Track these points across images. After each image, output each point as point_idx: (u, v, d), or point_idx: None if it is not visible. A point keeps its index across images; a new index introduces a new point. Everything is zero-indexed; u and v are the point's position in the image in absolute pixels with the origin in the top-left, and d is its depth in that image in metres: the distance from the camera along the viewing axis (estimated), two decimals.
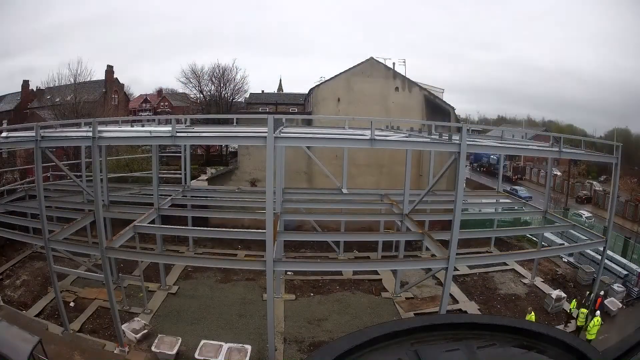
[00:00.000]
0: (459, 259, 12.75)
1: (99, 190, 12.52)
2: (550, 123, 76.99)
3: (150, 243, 20.61)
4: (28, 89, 49.30)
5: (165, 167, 31.94)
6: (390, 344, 2.09)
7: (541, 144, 17.25)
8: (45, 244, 12.67)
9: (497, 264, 19.85)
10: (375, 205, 19.19)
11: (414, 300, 16.80)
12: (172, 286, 17.15)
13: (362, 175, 23.73)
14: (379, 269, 18.55)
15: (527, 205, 21.10)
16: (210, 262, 15.45)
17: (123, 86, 54.45)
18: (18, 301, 15.29)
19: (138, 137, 14.39)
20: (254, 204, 18.89)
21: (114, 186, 20.03)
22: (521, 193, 34.43)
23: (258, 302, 15.99)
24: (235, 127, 20.32)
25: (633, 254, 19.99)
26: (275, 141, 10.83)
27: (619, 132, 47.67)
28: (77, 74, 34.86)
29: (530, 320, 14.30)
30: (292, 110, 44.27)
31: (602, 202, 36.75)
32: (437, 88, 28.54)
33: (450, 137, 12.37)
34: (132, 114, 59.86)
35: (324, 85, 25.40)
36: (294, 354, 13.06)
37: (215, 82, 44.89)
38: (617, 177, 15.29)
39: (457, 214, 11.39)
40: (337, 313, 15.65)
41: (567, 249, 17.88)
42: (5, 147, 19.91)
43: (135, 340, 12.98)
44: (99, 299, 15.51)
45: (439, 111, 24.94)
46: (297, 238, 21.12)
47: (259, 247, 20.94)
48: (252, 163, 23.77)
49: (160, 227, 15.95)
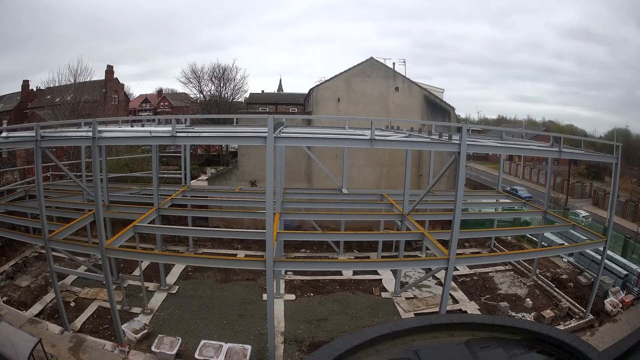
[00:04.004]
0: (459, 259, 12.73)
1: (99, 190, 12.50)
2: (550, 123, 77.07)
3: (150, 243, 20.63)
4: (28, 89, 49.35)
5: (165, 167, 31.99)
6: (390, 344, 2.09)
7: (541, 144, 17.25)
8: (45, 244, 12.66)
9: (497, 264, 19.87)
10: (375, 205, 19.19)
11: (414, 300, 16.79)
12: (172, 286, 17.15)
13: (362, 175, 23.75)
14: (379, 269, 18.56)
15: (527, 205, 21.10)
16: (210, 262, 15.43)
17: (123, 86, 54.51)
18: (18, 301, 15.29)
19: (138, 137, 14.37)
20: (254, 204, 18.90)
21: (114, 186, 20.02)
22: (521, 193, 34.48)
23: (258, 302, 15.98)
24: (235, 127, 20.32)
25: (633, 254, 19.99)
26: (275, 141, 10.82)
27: (619, 132, 47.75)
28: (77, 74, 34.91)
29: (530, 320, 14.31)
30: (292, 110, 44.29)
31: (602, 201, 36.79)
32: (437, 88, 28.57)
33: (450, 137, 12.37)
34: (132, 114, 59.94)
35: (324, 85, 25.40)
36: (294, 354, 13.05)
37: (215, 82, 45.00)
38: (617, 177, 15.28)
39: (457, 214, 11.38)
40: (337, 313, 15.64)
41: (567, 249, 17.84)
42: (5, 147, 19.88)
43: (135, 340, 12.98)
44: (99, 299, 15.52)
45: (439, 111, 24.96)
46: (297, 238, 21.11)
47: (259, 247, 20.98)
48: (252, 163, 23.77)
49: (160, 227, 15.95)
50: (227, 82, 45.23)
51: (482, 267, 19.50)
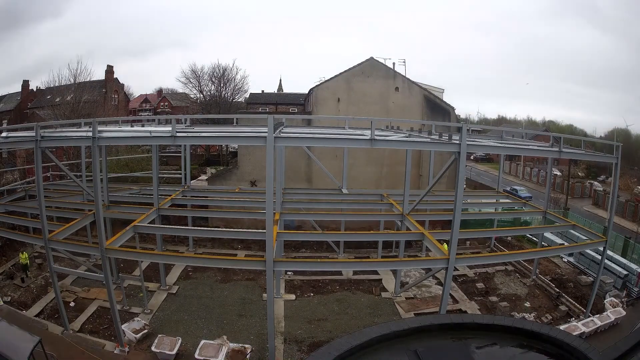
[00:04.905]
0: (459, 259, 12.73)
1: (99, 190, 12.51)
2: (550, 123, 77.05)
3: (150, 243, 20.62)
4: (28, 89, 49.31)
5: (165, 167, 31.95)
6: (390, 344, 2.09)
7: (541, 144, 17.24)
8: (45, 244, 12.66)
9: (497, 264, 19.86)
10: (375, 205, 19.20)
11: (414, 300, 16.80)
12: (172, 286, 17.15)
13: (362, 175, 23.74)
14: (379, 269, 18.55)
15: (527, 205, 21.09)
16: (210, 262, 15.42)
17: (123, 86, 54.48)
18: (18, 301, 15.29)
19: (138, 137, 14.38)
20: (254, 204, 18.88)
21: (114, 186, 20.02)
22: (521, 193, 34.47)
23: (258, 302, 15.99)
24: (235, 127, 20.32)
25: (633, 254, 19.99)
26: (275, 141, 10.82)
27: (619, 132, 47.76)
28: (77, 74, 34.87)
29: (530, 321, 14.30)
30: (292, 110, 44.28)
31: (602, 201, 36.76)
32: (437, 88, 28.56)
33: (450, 137, 12.36)
34: (132, 114, 59.91)
35: (324, 85, 25.39)
36: (294, 354, 13.06)
37: (215, 82, 44.95)
38: (617, 176, 15.27)
39: (457, 214, 11.37)
40: (337, 313, 15.65)
41: (567, 249, 17.84)
42: (5, 147, 19.89)
43: (135, 340, 12.98)
44: (99, 299, 15.52)
45: (439, 111, 24.95)
46: (297, 238, 21.11)
47: (259, 247, 20.99)
48: (252, 163, 23.77)
49: (160, 227, 15.95)
50: (227, 82, 45.23)
51: (482, 267, 19.50)
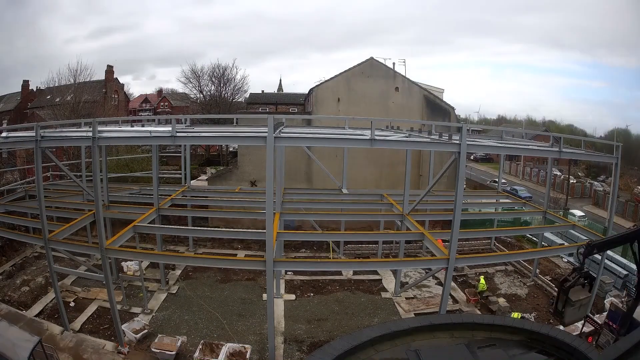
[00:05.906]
0: (459, 259, 12.73)
1: (99, 190, 12.50)
2: (550, 123, 77.06)
3: (150, 243, 20.63)
4: (28, 89, 49.32)
5: (165, 167, 31.99)
6: (390, 344, 2.09)
7: (541, 144, 17.24)
8: (45, 244, 12.65)
9: (497, 264, 19.86)
10: (375, 205, 19.19)
11: (414, 300, 16.79)
12: (172, 286, 17.15)
13: (362, 175, 23.74)
14: (379, 268, 18.55)
15: (527, 205, 21.08)
16: (210, 262, 15.42)
17: (123, 86, 54.48)
18: (18, 301, 15.28)
19: (138, 137, 14.36)
20: (254, 204, 18.89)
21: (114, 186, 20.02)
22: (521, 193, 34.48)
23: (258, 302, 15.99)
24: (235, 127, 20.32)
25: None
26: (275, 141, 10.82)
27: (619, 132, 47.80)
28: (77, 74, 34.90)
29: (530, 321, 14.30)
30: (292, 110, 44.29)
31: (602, 201, 36.78)
32: (437, 88, 28.58)
33: (450, 137, 12.37)
34: (132, 114, 59.93)
35: (324, 85, 25.40)
36: (293, 354, 13.05)
37: (215, 82, 44.95)
38: (617, 176, 15.28)
39: (457, 214, 11.38)
40: (337, 313, 15.65)
41: (567, 249, 17.82)
42: (5, 147, 19.87)
43: (135, 340, 12.98)
44: (99, 299, 15.52)
45: (439, 111, 24.96)
46: (297, 238, 21.10)
47: (259, 247, 20.99)
48: (252, 163, 23.77)
49: (160, 227, 15.94)
50: (227, 82, 45.24)
51: (482, 267, 19.50)
